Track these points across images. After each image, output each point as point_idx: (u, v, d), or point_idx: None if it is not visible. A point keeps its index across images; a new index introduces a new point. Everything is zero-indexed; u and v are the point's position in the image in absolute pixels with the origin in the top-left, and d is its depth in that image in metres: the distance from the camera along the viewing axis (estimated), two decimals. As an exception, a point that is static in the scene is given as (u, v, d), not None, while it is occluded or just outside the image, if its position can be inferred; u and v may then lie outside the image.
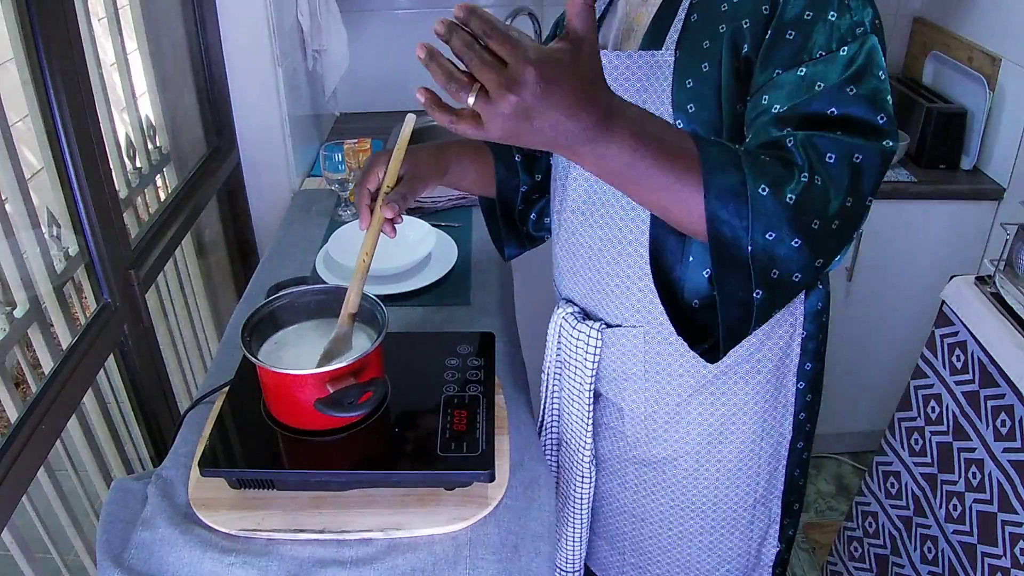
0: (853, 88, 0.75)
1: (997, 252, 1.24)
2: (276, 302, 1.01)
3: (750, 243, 0.69)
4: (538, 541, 0.92)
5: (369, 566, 0.86)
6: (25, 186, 1.10)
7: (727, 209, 0.68)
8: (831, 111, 0.75)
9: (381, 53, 2.27)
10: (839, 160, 0.72)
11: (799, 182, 0.70)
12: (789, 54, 0.77)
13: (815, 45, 0.76)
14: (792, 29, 0.78)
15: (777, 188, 0.69)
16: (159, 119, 1.60)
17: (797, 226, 0.70)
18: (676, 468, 1.06)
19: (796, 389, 1.03)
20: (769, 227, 0.69)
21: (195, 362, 1.76)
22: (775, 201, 0.69)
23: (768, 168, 0.70)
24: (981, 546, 1.21)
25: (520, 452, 1.01)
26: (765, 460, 1.05)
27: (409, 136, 0.93)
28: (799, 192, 0.70)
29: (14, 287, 1.10)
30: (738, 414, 1.02)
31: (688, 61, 0.85)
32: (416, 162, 0.96)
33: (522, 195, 1.15)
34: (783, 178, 0.70)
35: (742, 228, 0.69)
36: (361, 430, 0.94)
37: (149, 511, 0.92)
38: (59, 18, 1.06)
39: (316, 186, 1.86)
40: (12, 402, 1.09)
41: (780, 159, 0.72)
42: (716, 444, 1.03)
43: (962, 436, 1.26)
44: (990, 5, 1.88)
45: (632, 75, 0.89)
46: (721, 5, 0.83)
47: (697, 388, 1.01)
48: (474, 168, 1.10)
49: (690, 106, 0.85)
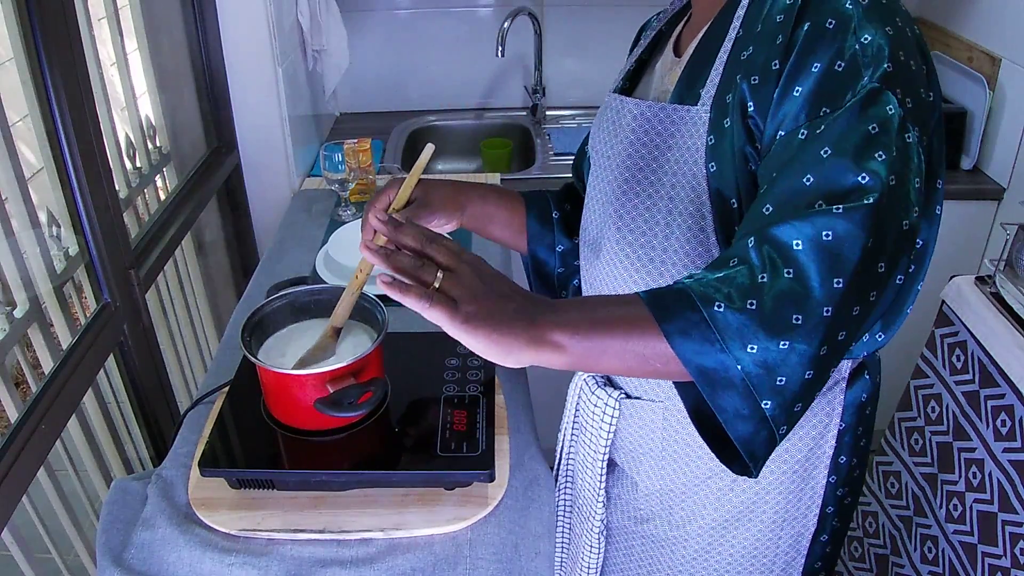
0: (828, 150, 0.67)
1: (997, 252, 1.24)
2: (276, 302, 1.01)
3: (737, 364, 0.65)
4: (538, 541, 0.92)
5: (369, 566, 0.86)
6: (25, 186, 1.10)
7: (694, 343, 0.65)
8: (806, 180, 0.68)
9: (381, 53, 2.27)
10: (807, 244, 0.65)
11: (758, 284, 0.65)
12: (789, 117, 0.71)
13: (826, 101, 0.69)
14: (800, 85, 0.71)
15: (732, 301, 0.65)
16: (159, 119, 1.60)
17: (775, 328, 0.64)
18: (686, 548, 1.00)
19: (827, 483, 0.93)
20: (745, 340, 0.65)
21: (195, 362, 1.76)
22: (736, 314, 0.65)
23: (721, 284, 0.66)
24: (981, 546, 1.20)
25: (520, 452, 1.01)
26: (783, 551, 0.97)
27: (424, 164, 0.90)
28: (761, 295, 0.65)
29: (14, 287, 1.10)
30: (757, 502, 0.94)
31: (715, 117, 0.79)
32: (430, 191, 0.94)
33: (560, 255, 1.09)
34: (740, 287, 0.66)
35: (719, 352, 0.65)
36: (361, 430, 0.94)
37: (149, 511, 0.92)
38: (59, 18, 1.06)
39: (316, 186, 1.86)
40: (12, 402, 1.09)
41: (738, 270, 0.67)
42: (731, 529, 0.96)
43: (962, 436, 1.26)
44: (990, 5, 1.88)
45: (664, 130, 0.84)
46: (741, 52, 0.78)
47: (715, 471, 0.94)
48: (501, 214, 1.05)
49: (712, 165, 0.80)
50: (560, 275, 1.11)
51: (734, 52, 0.79)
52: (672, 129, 0.84)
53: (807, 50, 0.70)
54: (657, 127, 0.85)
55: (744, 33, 0.79)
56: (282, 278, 1.10)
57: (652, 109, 0.85)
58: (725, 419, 0.68)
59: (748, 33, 0.78)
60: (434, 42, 2.26)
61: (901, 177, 0.67)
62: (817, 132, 0.68)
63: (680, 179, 0.83)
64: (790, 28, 0.72)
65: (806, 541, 0.97)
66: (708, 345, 0.65)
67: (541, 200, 1.09)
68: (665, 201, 0.85)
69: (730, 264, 0.68)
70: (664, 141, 0.84)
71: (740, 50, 0.78)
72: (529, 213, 1.07)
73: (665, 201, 0.85)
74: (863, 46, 0.69)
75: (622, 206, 0.89)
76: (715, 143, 0.79)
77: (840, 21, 0.70)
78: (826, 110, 0.68)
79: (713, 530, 0.97)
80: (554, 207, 1.09)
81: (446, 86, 2.32)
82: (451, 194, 0.98)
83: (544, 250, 1.09)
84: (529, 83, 2.30)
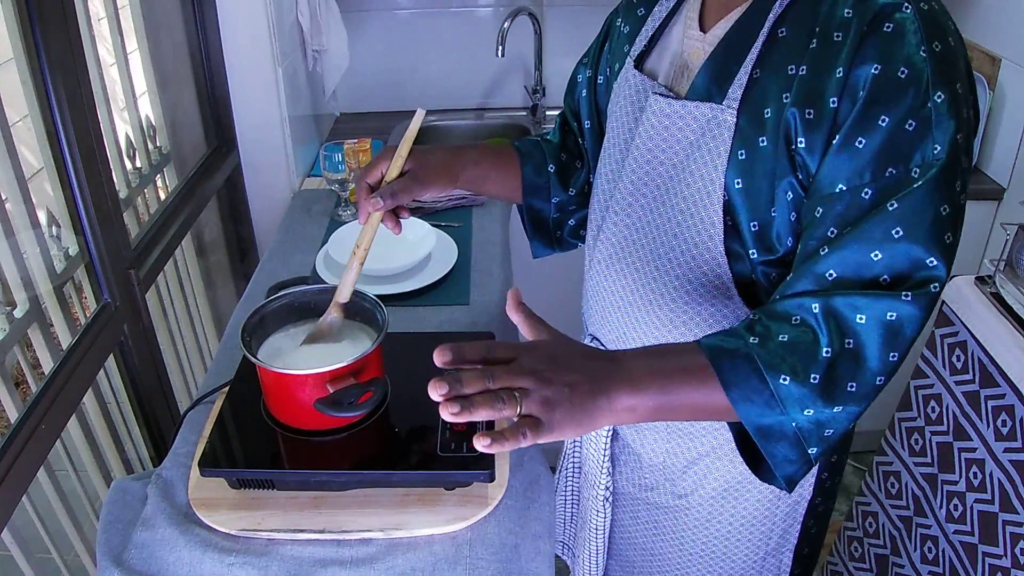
0: (900, 231, 0.68)
1: (997, 252, 1.24)
2: (276, 302, 1.01)
3: (792, 422, 0.70)
4: (538, 541, 0.92)
5: (369, 566, 0.86)
6: (25, 186, 1.10)
7: (756, 407, 0.70)
8: (875, 255, 0.69)
9: (381, 53, 2.27)
10: (870, 321, 0.69)
11: (821, 357, 0.69)
12: (851, 170, 0.70)
13: (893, 161, 0.68)
14: (865, 137, 0.69)
15: (797, 372, 0.69)
16: (159, 119, 1.60)
17: (831, 397, 0.69)
18: (688, 516, 1.03)
19: None
20: (804, 406, 0.69)
21: (195, 362, 1.76)
22: (800, 387, 0.69)
23: (786, 351, 0.69)
24: (982, 546, 1.20)
25: (520, 452, 1.01)
26: (780, 517, 1.01)
27: (416, 131, 0.91)
28: (823, 369, 0.69)
29: (14, 287, 1.10)
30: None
31: (747, 128, 0.76)
32: (422, 163, 0.93)
33: (555, 205, 1.10)
34: (804, 357, 0.69)
35: (779, 414, 0.70)
36: (361, 430, 0.94)
37: (149, 511, 0.92)
38: (59, 18, 1.06)
39: (316, 186, 1.86)
40: (12, 402, 1.09)
41: (801, 335, 0.70)
42: (731, 499, 0.99)
43: (962, 436, 1.26)
44: (990, 5, 1.88)
45: (687, 125, 0.82)
46: (788, 67, 0.74)
47: (715, 446, 0.96)
48: (497, 174, 1.05)
49: (737, 182, 0.78)
50: (555, 219, 1.12)
51: (775, 55, 0.75)
52: (693, 125, 0.82)
53: (875, 100, 0.68)
54: (678, 122, 0.83)
55: (790, 36, 0.75)
56: (282, 278, 1.09)
57: (672, 105, 0.83)
58: (774, 462, 0.73)
59: (796, 39, 0.74)
60: (434, 42, 2.26)
61: (957, 242, 0.70)
62: (888, 204, 0.68)
63: (701, 183, 0.82)
64: (851, 60, 0.69)
65: (802, 508, 1.01)
66: (769, 410, 0.70)
67: (536, 153, 1.08)
68: (686, 204, 0.84)
69: (792, 321, 0.71)
70: (684, 136, 0.83)
71: (786, 58, 0.74)
72: (524, 167, 1.07)
73: (686, 204, 0.84)
74: (936, 106, 0.67)
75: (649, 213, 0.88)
76: (746, 159, 0.77)
77: (913, 73, 0.67)
78: (892, 171, 0.68)
79: (714, 499, 0.99)
80: (550, 159, 1.08)
81: (446, 86, 2.32)
82: (445, 163, 0.96)
83: (540, 201, 1.09)
84: (529, 83, 2.30)
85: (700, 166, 0.81)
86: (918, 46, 0.67)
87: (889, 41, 0.68)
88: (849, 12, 0.71)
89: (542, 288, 1.92)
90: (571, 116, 1.11)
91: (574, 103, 1.09)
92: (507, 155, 1.07)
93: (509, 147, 1.08)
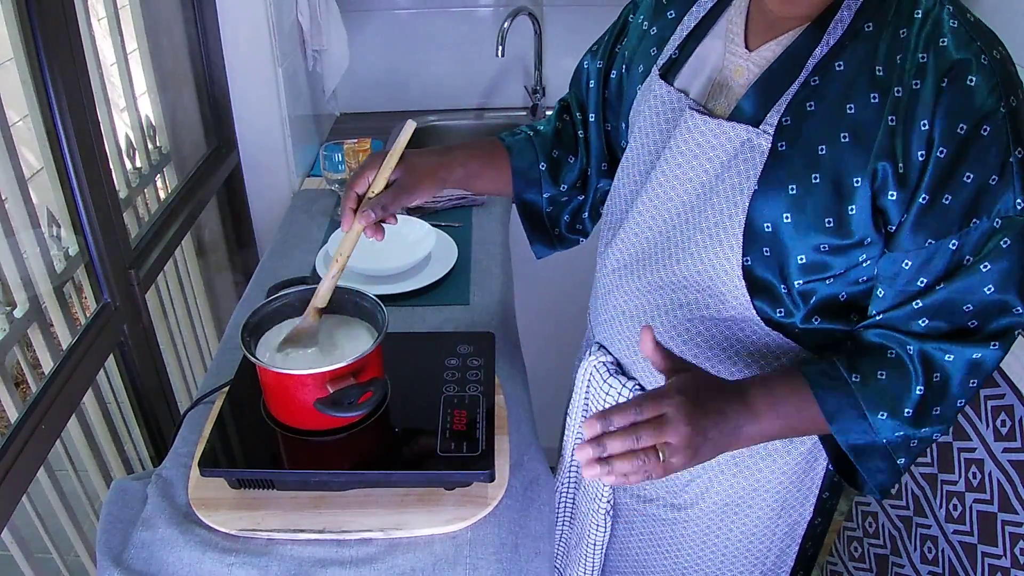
0: (992, 288, 0.73)
1: (997, 252, 1.24)
2: (276, 302, 1.01)
3: (884, 440, 0.79)
4: (538, 541, 0.92)
5: (369, 566, 0.86)
6: (25, 186, 1.10)
7: (853, 434, 0.79)
8: (967, 308, 0.75)
9: (381, 53, 2.26)
10: (958, 361, 0.75)
11: (915, 395, 0.76)
12: (949, 220, 0.72)
13: (977, 214, 0.72)
14: (950, 193, 0.71)
15: (893, 409, 0.77)
16: (159, 119, 1.60)
17: (920, 422, 0.77)
18: (686, 529, 1.02)
19: (826, 470, 0.96)
20: (895, 430, 0.78)
21: (195, 362, 1.76)
22: (894, 420, 0.77)
23: (884, 391, 0.77)
24: (981, 546, 1.20)
25: (520, 452, 1.01)
26: (779, 537, 1.00)
27: (405, 143, 0.90)
28: (916, 404, 0.77)
29: (14, 287, 1.10)
30: (759, 490, 0.96)
31: (798, 162, 0.76)
32: (410, 171, 0.92)
33: (547, 199, 1.10)
34: (899, 395, 0.77)
35: (872, 438, 0.79)
36: (361, 430, 0.94)
37: (149, 511, 0.92)
38: (59, 18, 1.06)
39: (316, 186, 1.85)
40: (12, 402, 1.09)
41: (895, 373, 0.77)
42: (731, 514, 0.98)
43: (962, 436, 1.26)
44: (990, 5, 1.88)
45: (720, 146, 0.81)
46: (847, 105, 0.74)
47: (718, 461, 0.94)
48: (486, 172, 1.05)
49: (786, 216, 0.77)
50: (549, 214, 1.12)
51: (832, 90, 0.75)
52: (727, 146, 0.81)
53: (960, 157, 0.70)
54: (712, 141, 0.82)
55: (849, 72, 0.74)
56: (282, 278, 1.09)
57: (708, 124, 0.81)
58: (868, 474, 0.82)
59: (856, 77, 0.74)
60: (434, 42, 2.26)
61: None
62: (980, 266, 0.73)
63: (726, 204, 0.81)
64: (933, 113, 0.70)
65: (802, 528, 1.00)
66: (865, 435, 0.79)
67: (527, 148, 1.07)
68: (707, 224, 0.83)
69: (888, 355, 0.77)
70: (716, 156, 0.82)
71: (844, 95, 0.74)
72: (513, 163, 1.07)
73: (707, 224, 0.83)
74: (1017, 161, 0.70)
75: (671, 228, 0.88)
76: (798, 194, 0.77)
77: (994, 130, 0.69)
78: (976, 222, 0.72)
79: (714, 514, 0.99)
80: (541, 158, 1.07)
81: (446, 86, 2.32)
82: (432, 169, 0.96)
83: (532, 195, 1.09)
84: (529, 83, 2.30)
85: (728, 187, 0.81)
86: (998, 102, 0.69)
87: (971, 96, 0.69)
88: (924, 57, 0.71)
89: (542, 288, 1.92)
90: (575, 106, 1.09)
91: (581, 93, 1.07)
92: (496, 152, 1.07)
93: (498, 143, 1.07)
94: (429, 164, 0.96)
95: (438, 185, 0.96)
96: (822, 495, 0.98)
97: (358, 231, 0.89)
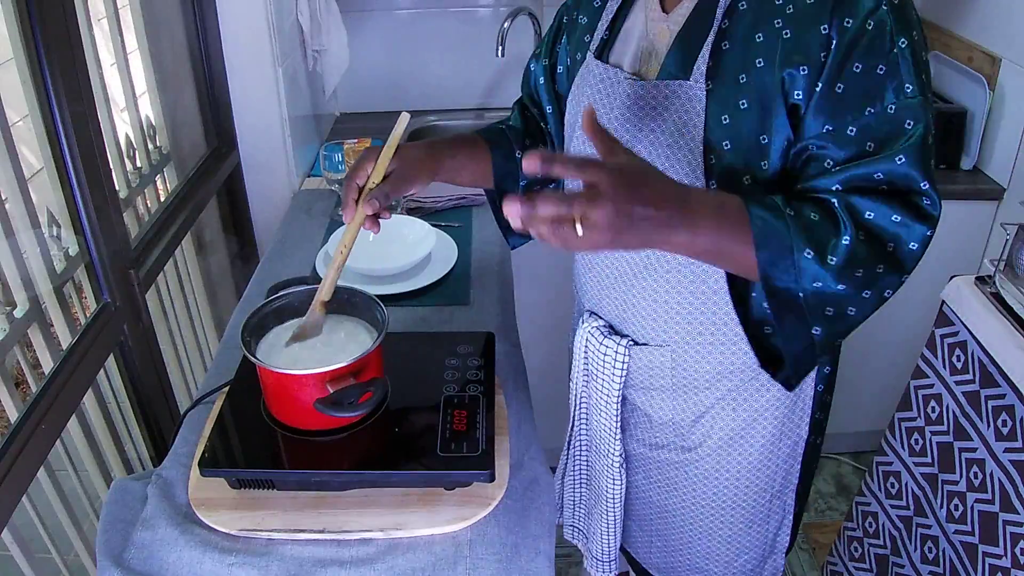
0: (903, 157, 0.78)
1: (997, 252, 1.24)
2: (276, 302, 1.01)
3: (800, 291, 0.80)
4: (538, 541, 0.92)
5: (369, 566, 0.86)
6: (25, 186, 1.10)
7: (777, 270, 0.80)
8: (877, 175, 0.79)
9: (381, 53, 2.27)
10: (879, 218, 0.79)
11: (841, 244, 0.78)
12: (843, 107, 0.80)
13: (870, 100, 0.79)
14: (843, 82, 0.79)
15: (821, 252, 0.79)
16: (159, 119, 1.60)
17: (841, 277, 0.79)
18: (697, 467, 1.08)
19: (815, 392, 1.05)
20: (815, 279, 0.79)
21: (195, 362, 1.76)
22: (818, 264, 0.79)
23: (814, 231, 0.79)
24: (982, 546, 1.20)
25: (520, 452, 1.01)
26: (783, 458, 1.07)
27: (400, 135, 0.95)
28: (841, 253, 0.78)
29: (14, 287, 1.10)
30: (758, 419, 1.03)
31: (725, 95, 0.84)
32: (405, 161, 0.96)
33: (523, 188, 1.15)
34: (827, 240, 0.79)
35: (792, 282, 0.80)
36: (361, 430, 0.94)
37: (149, 511, 0.92)
38: (59, 18, 1.06)
39: (316, 186, 1.86)
40: (12, 402, 1.09)
41: (826, 218, 0.80)
42: (736, 445, 1.05)
43: (963, 436, 1.26)
44: (990, 5, 1.88)
45: (659, 104, 0.88)
46: (755, 35, 0.83)
47: (720, 396, 1.03)
48: (471, 164, 1.10)
49: (725, 143, 0.85)
50: None
51: (740, 27, 0.83)
52: (666, 103, 0.88)
53: (849, 51, 0.78)
54: (651, 103, 0.89)
55: (750, 8, 0.83)
56: (282, 278, 1.09)
57: (645, 87, 0.89)
58: (783, 335, 0.85)
59: (758, 9, 0.82)
60: (434, 42, 2.26)
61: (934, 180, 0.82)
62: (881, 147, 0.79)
63: (682, 153, 0.87)
64: (831, 17, 0.79)
65: (801, 447, 1.07)
66: (786, 275, 0.80)
67: (503, 141, 1.14)
68: (675, 176, 0.88)
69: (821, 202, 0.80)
70: (659, 114, 0.89)
71: (752, 28, 0.82)
72: (494, 155, 1.12)
73: (675, 176, 0.88)
74: (900, 51, 0.78)
75: None
76: (730, 122, 0.84)
77: (879, 23, 0.78)
78: (871, 110, 0.79)
79: (720, 449, 1.06)
80: (516, 148, 1.14)
81: (446, 86, 2.32)
82: (425, 159, 1.00)
83: (509, 184, 1.14)
84: (529, 83, 2.30)
85: (679, 139, 0.88)
86: (879, 1, 0.78)
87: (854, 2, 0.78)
88: None
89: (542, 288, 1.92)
90: (529, 103, 1.18)
91: (532, 92, 1.17)
92: (478, 145, 1.12)
93: (478, 137, 1.13)
94: (421, 155, 1.00)
95: (430, 175, 1.01)
96: (815, 415, 1.06)
97: (360, 220, 0.92)
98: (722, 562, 1.15)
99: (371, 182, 0.92)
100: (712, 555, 1.15)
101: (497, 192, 1.15)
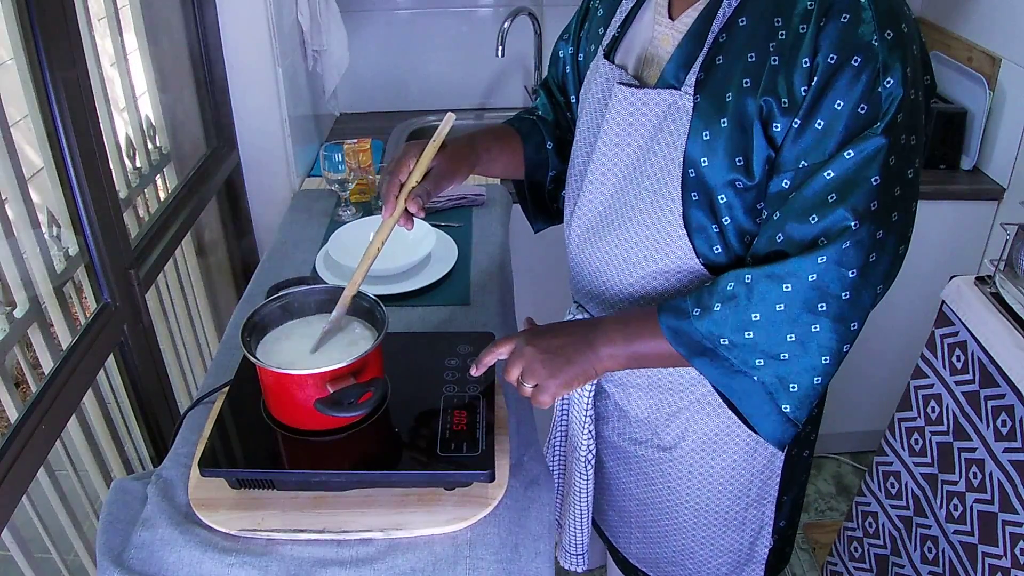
0: (834, 196, 0.77)
1: (997, 252, 1.24)
2: (276, 302, 1.01)
3: (755, 375, 0.84)
4: (538, 541, 0.92)
5: (369, 566, 0.86)
6: (25, 186, 1.10)
7: (715, 369, 0.86)
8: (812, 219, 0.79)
9: (381, 53, 2.27)
10: (797, 286, 0.80)
11: (751, 321, 0.82)
12: (817, 147, 0.78)
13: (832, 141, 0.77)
14: (821, 118, 0.77)
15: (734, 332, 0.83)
16: (159, 119, 1.60)
17: (769, 353, 0.83)
18: (674, 468, 1.09)
19: None
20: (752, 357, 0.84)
21: (195, 362, 1.76)
22: (739, 348, 0.84)
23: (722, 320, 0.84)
24: (982, 546, 1.20)
25: (520, 452, 1.01)
26: (759, 468, 1.07)
27: (445, 134, 0.95)
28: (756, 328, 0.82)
29: (14, 287, 1.10)
30: (733, 426, 1.03)
31: (709, 112, 0.83)
32: (447, 158, 0.98)
33: (551, 178, 1.19)
34: (735, 321, 0.83)
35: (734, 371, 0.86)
36: (361, 430, 0.94)
37: (149, 511, 0.92)
38: (59, 18, 1.06)
39: (316, 186, 1.86)
40: (12, 402, 1.09)
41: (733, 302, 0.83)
42: (710, 450, 1.05)
43: (962, 436, 1.26)
44: (990, 5, 1.88)
45: (649, 111, 0.89)
46: (748, 54, 0.81)
47: (695, 400, 1.03)
48: (504, 155, 1.13)
49: (703, 160, 0.85)
50: (550, 191, 1.21)
51: (736, 43, 0.82)
52: (656, 111, 0.89)
53: (831, 86, 0.75)
54: (642, 109, 0.90)
55: (750, 25, 0.81)
56: (282, 278, 1.09)
57: (636, 94, 0.90)
58: (748, 414, 0.87)
59: (755, 28, 0.81)
60: (434, 42, 2.26)
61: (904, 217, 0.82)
62: (824, 173, 0.78)
63: (663, 163, 0.89)
64: (814, 50, 0.76)
65: (779, 459, 1.07)
66: (727, 371, 0.85)
67: (535, 132, 1.17)
68: (649, 182, 0.91)
69: (727, 289, 0.84)
70: (648, 122, 0.90)
71: (746, 46, 0.81)
72: (526, 147, 1.16)
73: (649, 182, 0.91)
74: (885, 90, 0.75)
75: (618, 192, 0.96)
76: (710, 139, 0.84)
77: (866, 60, 0.74)
78: (850, 152, 0.76)
79: (695, 452, 1.07)
80: (548, 137, 1.17)
81: (446, 86, 2.32)
82: (466, 154, 1.03)
83: (539, 175, 1.19)
84: (529, 83, 2.30)
85: (662, 147, 0.88)
86: (872, 33, 0.74)
87: (844, 30, 0.75)
88: (811, 4, 0.77)
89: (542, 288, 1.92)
90: (556, 90, 1.19)
91: (559, 78, 1.17)
92: (511, 136, 1.15)
93: (510, 128, 1.16)
94: (461, 151, 1.02)
95: (469, 168, 1.03)
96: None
97: (398, 217, 0.94)
98: (697, 561, 1.16)
99: (413, 180, 0.93)
100: (687, 552, 1.16)
101: (528, 184, 1.19)
